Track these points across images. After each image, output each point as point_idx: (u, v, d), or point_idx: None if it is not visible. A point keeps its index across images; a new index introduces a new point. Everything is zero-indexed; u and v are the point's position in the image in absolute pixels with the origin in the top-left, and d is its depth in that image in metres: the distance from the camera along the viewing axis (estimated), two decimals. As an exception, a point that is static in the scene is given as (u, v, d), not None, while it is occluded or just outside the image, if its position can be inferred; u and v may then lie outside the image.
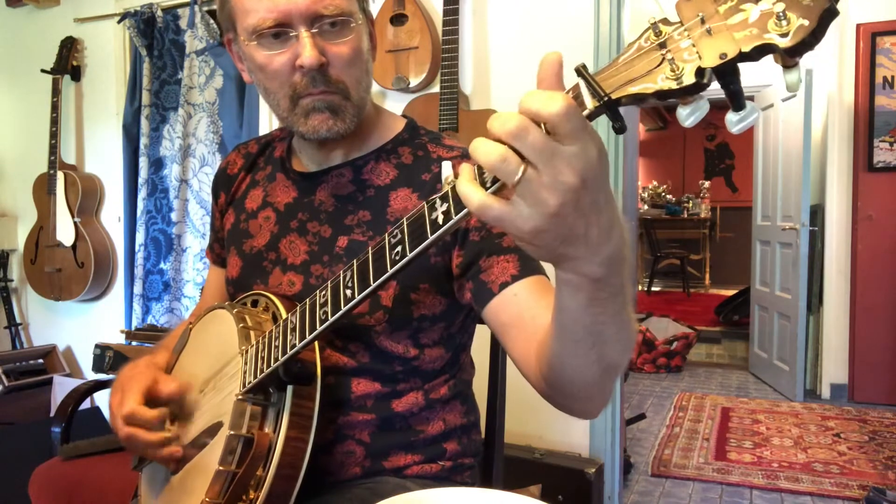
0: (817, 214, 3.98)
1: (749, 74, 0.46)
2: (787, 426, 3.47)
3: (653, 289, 7.87)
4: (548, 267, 0.85)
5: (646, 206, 8.08)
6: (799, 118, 3.79)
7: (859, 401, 3.87)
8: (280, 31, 0.83)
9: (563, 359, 0.67)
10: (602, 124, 1.95)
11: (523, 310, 0.80)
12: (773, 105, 4.15)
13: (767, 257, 4.32)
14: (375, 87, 2.47)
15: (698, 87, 0.45)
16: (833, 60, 3.86)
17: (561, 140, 0.46)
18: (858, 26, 3.74)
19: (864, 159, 3.79)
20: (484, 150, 0.48)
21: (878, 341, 3.82)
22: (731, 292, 6.24)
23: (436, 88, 2.37)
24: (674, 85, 0.45)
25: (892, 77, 3.71)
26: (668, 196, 8.26)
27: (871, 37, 3.73)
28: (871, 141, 3.76)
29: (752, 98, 4.45)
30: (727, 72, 0.45)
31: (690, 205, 7.97)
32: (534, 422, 2.28)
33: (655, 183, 8.54)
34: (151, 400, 0.89)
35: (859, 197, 3.82)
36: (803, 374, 3.91)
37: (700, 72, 0.44)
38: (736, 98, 0.46)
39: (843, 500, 2.62)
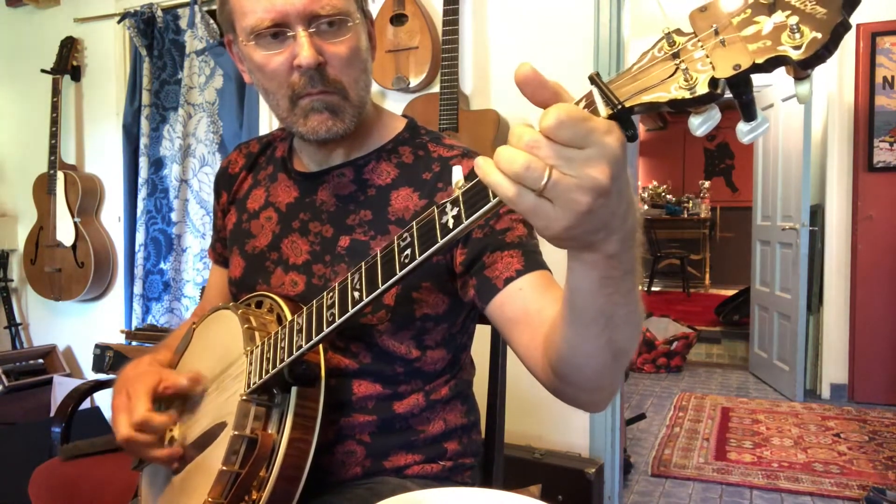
0: (817, 214, 3.98)
1: (748, 74, 0.46)
2: (787, 426, 3.47)
3: (653, 289, 7.87)
4: (551, 258, 0.86)
5: (646, 206, 8.07)
6: (799, 118, 3.79)
7: (859, 401, 3.87)
8: (278, 32, 0.83)
9: (574, 345, 0.67)
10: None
11: (529, 303, 0.80)
12: (773, 105, 4.16)
13: (767, 257, 4.32)
14: (375, 87, 2.47)
15: (711, 98, 0.45)
16: (833, 60, 3.85)
17: (574, 146, 0.47)
18: (858, 26, 3.74)
19: (864, 159, 3.79)
20: (507, 157, 0.48)
21: (878, 341, 3.82)
22: (731, 292, 6.24)
23: (436, 88, 2.37)
24: (687, 94, 0.46)
25: (892, 77, 3.72)
26: (668, 196, 8.26)
27: (871, 37, 3.73)
28: (871, 141, 3.77)
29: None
30: (740, 83, 0.45)
31: (690, 205, 7.97)
32: (534, 422, 2.28)
33: (655, 183, 8.54)
34: (157, 400, 0.88)
35: (859, 197, 3.82)
36: (803, 374, 3.92)
37: (713, 82, 0.45)
38: (748, 108, 0.47)
39: (843, 500, 2.62)
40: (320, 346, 0.83)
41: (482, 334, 1.06)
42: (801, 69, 0.43)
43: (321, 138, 0.88)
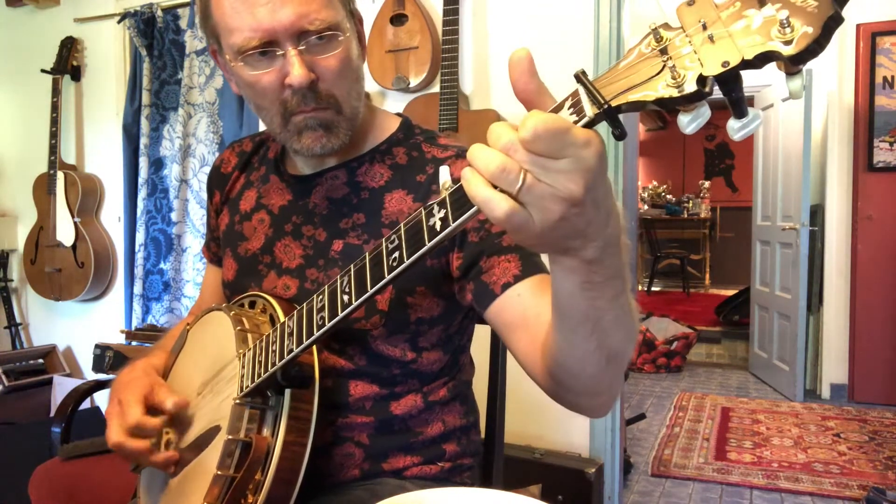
0: (817, 214, 3.98)
1: (748, 74, 0.45)
2: (787, 426, 3.47)
3: (653, 289, 7.86)
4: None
5: (646, 206, 8.07)
6: (799, 118, 3.78)
7: (859, 401, 3.87)
8: (266, 50, 0.81)
9: (565, 349, 0.66)
10: (600, 129, 1.95)
11: (527, 309, 0.79)
12: (773, 105, 4.15)
13: (767, 257, 4.32)
14: (376, 87, 2.47)
15: (700, 96, 0.44)
16: (833, 60, 3.86)
17: (550, 157, 0.46)
18: (858, 26, 3.73)
19: (864, 159, 3.79)
20: (483, 158, 0.48)
21: (878, 341, 3.82)
22: (731, 292, 6.24)
23: (436, 88, 2.37)
24: (675, 93, 0.44)
25: (892, 77, 3.71)
26: (668, 196, 8.26)
27: (871, 37, 3.73)
28: (871, 141, 3.76)
29: (751, 98, 4.45)
30: (730, 79, 0.43)
31: (690, 205, 7.97)
32: (534, 422, 2.28)
33: (655, 183, 8.54)
34: (150, 408, 0.88)
35: (859, 197, 3.82)
36: (803, 374, 3.91)
37: (702, 79, 0.44)
38: (738, 105, 0.45)
39: (843, 500, 2.62)
40: (314, 347, 0.83)
41: (482, 335, 1.05)
42: (792, 65, 0.42)
43: (316, 155, 0.87)
